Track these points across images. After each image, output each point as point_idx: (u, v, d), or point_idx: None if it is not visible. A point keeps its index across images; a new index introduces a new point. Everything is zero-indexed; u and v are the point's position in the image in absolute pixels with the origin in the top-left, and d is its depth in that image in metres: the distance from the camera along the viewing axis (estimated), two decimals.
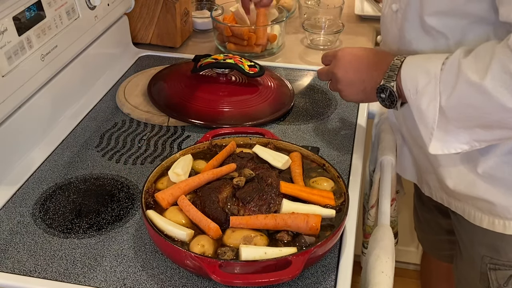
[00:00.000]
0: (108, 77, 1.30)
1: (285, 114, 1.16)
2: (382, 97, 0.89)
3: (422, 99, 0.81)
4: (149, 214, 0.80)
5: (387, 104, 0.89)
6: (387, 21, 0.98)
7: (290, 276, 0.71)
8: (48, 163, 1.02)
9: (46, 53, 1.04)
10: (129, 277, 0.79)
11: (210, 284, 0.78)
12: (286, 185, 0.84)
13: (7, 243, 0.85)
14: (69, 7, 1.11)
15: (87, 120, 1.14)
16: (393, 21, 0.95)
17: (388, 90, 0.87)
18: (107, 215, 0.90)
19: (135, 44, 1.44)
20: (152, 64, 1.37)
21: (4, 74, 0.93)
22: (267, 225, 0.79)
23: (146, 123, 1.13)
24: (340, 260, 0.82)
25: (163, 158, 1.03)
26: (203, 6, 1.64)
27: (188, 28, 1.50)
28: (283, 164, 0.90)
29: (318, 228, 0.78)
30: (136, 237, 0.86)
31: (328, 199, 0.84)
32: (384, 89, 0.87)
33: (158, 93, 1.18)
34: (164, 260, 0.81)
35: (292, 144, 0.95)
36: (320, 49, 1.48)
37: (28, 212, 0.90)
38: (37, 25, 1.01)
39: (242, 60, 1.21)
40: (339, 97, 1.22)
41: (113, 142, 1.07)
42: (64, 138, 1.09)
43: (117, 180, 0.97)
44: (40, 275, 0.79)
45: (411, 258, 1.91)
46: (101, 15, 1.23)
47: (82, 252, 0.83)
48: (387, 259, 0.86)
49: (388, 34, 0.99)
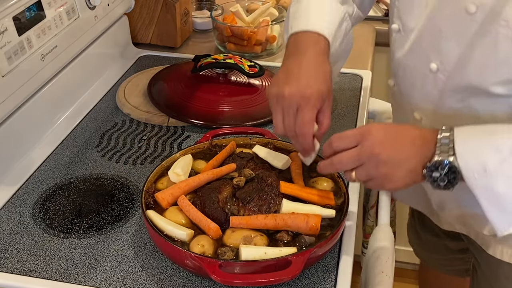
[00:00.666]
0: (108, 77, 1.29)
1: None
2: (434, 176, 0.72)
3: (497, 180, 0.69)
4: (149, 214, 0.80)
5: (441, 185, 0.72)
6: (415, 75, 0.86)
7: (290, 276, 0.71)
8: (48, 163, 1.02)
9: (46, 53, 1.04)
10: (129, 277, 0.79)
11: (210, 284, 0.78)
12: (286, 185, 0.84)
13: (7, 243, 0.85)
14: (69, 7, 1.11)
15: (87, 120, 1.14)
16: (430, 80, 0.83)
17: (447, 166, 0.71)
18: (107, 215, 0.90)
19: (135, 44, 1.44)
20: (152, 64, 1.37)
21: (4, 74, 0.93)
22: (267, 225, 0.79)
23: (146, 123, 1.13)
24: (340, 260, 0.82)
25: (163, 158, 1.03)
26: (203, 6, 1.64)
27: (188, 28, 1.50)
28: (283, 164, 0.90)
29: (318, 228, 0.78)
30: (136, 237, 0.86)
31: (328, 199, 0.84)
32: (440, 166, 0.71)
33: (158, 93, 1.18)
34: (164, 260, 0.81)
35: (292, 144, 0.95)
36: None
37: (28, 212, 0.90)
38: (37, 25, 1.01)
39: (242, 60, 1.21)
40: (339, 97, 1.23)
41: (113, 142, 1.07)
42: (64, 138, 1.09)
43: (117, 180, 0.97)
44: (40, 275, 0.79)
45: (411, 258, 1.91)
46: (101, 15, 1.23)
47: (82, 252, 0.83)
48: (387, 259, 0.86)
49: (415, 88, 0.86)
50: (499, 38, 0.72)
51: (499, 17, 0.71)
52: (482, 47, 0.75)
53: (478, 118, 0.80)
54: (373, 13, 1.62)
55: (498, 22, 0.71)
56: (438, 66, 0.81)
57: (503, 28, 0.71)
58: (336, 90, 1.26)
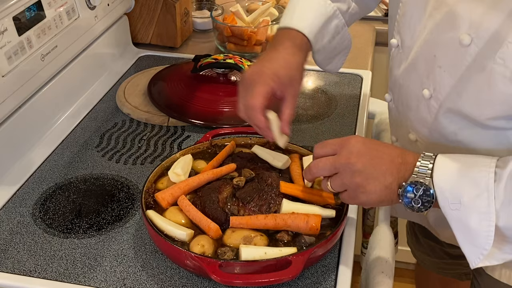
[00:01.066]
0: (108, 77, 1.30)
1: None
2: (409, 196, 0.70)
3: (470, 215, 0.67)
4: (149, 214, 0.80)
5: (414, 207, 0.70)
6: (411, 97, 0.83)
7: (290, 276, 0.71)
8: (48, 163, 1.02)
9: (46, 53, 1.04)
10: (129, 277, 0.79)
11: (210, 284, 0.78)
12: (286, 185, 0.84)
13: (7, 243, 0.85)
14: (69, 7, 1.11)
15: (87, 120, 1.14)
16: (424, 105, 0.80)
17: (422, 188, 0.69)
18: (107, 215, 0.90)
19: (135, 44, 1.44)
20: (152, 64, 1.37)
21: (4, 74, 0.93)
22: (267, 225, 0.79)
23: (146, 123, 1.13)
24: (340, 260, 0.82)
25: (163, 158, 1.03)
26: (203, 6, 1.64)
27: (188, 28, 1.50)
28: (283, 164, 0.90)
29: (318, 228, 0.78)
30: (136, 237, 0.86)
31: (328, 199, 0.84)
32: (416, 187, 0.69)
33: (158, 93, 1.18)
34: (164, 260, 0.81)
35: (292, 144, 0.95)
36: None
37: (28, 212, 0.90)
38: (37, 25, 1.01)
39: (242, 60, 1.21)
40: (339, 97, 1.23)
41: (113, 142, 1.07)
42: (64, 138, 1.09)
43: (117, 180, 0.97)
44: (40, 275, 0.79)
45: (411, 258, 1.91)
46: (101, 15, 1.23)
47: (82, 252, 0.83)
48: (387, 259, 0.86)
49: (410, 110, 0.84)
50: (494, 76, 0.68)
51: (495, 54, 0.67)
52: (476, 82, 0.71)
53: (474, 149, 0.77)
54: (373, 13, 1.62)
55: (493, 59, 0.67)
56: (431, 93, 0.78)
57: (499, 66, 0.67)
58: (336, 90, 1.26)
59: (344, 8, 0.95)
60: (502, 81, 0.68)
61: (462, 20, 0.70)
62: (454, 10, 0.71)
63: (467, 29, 0.69)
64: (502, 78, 0.67)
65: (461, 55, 0.71)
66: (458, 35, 0.70)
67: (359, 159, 0.72)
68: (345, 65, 1.36)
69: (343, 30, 0.96)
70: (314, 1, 0.92)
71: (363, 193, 0.73)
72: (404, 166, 0.71)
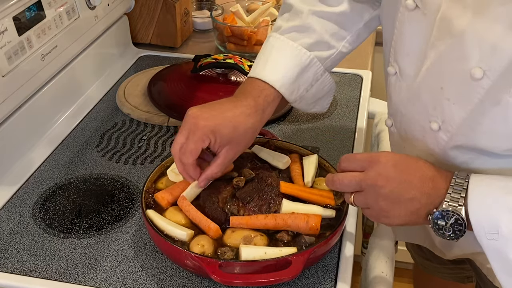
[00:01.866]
0: (108, 77, 1.30)
1: (285, 114, 1.16)
2: (439, 224, 0.67)
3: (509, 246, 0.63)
4: (149, 214, 0.80)
5: (445, 234, 0.67)
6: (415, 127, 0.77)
7: (290, 276, 0.71)
8: (48, 163, 1.02)
9: (46, 53, 1.04)
10: (129, 277, 0.79)
11: (210, 284, 0.78)
12: (286, 185, 0.84)
13: (7, 243, 0.85)
14: (69, 7, 1.11)
15: (87, 120, 1.14)
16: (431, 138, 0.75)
17: (454, 217, 0.66)
18: (107, 215, 0.90)
19: (135, 44, 1.44)
20: (152, 64, 1.37)
21: (4, 74, 0.93)
22: (267, 225, 0.79)
23: (146, 123, 1.13)
24: (340, 260, 0.82)
25: (163, 158, 1.03)
26: (203, 6, 1.64)
27: (188, 28, 1.50)
28: (283, 164, 0.90)
29: (318, 228, 0.78)
30: (136, 237, 0.86)
31: (328, 199, 0.84)
32: (447, 215, 0.66)
33: (158, 93, 1.18)
34: (164, 260, 0.81)
35: (292, 144, 0.95)
36: None
37: (28, 212, 0.90)
38: (37, 25, 1.01)
39: (242, 60, 1.21)
40: (339, 97, 1.23)
41: (113, 142, 1.07)
42: (64, 138, 1.09)
43: (117, 180, 0.97)
44: (40, 275, 0.79)
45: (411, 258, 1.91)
46: (101, 15, 1.23)
47: (82, 252, 0.83)
48: (387, 259, 0.86)
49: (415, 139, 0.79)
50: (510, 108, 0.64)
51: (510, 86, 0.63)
52: (490, 115, 0.66)
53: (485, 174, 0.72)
54: None
55: (509, 92, 0.63)
56: (440, 125, 0.72)
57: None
58: (336, 90, 1.25)
59: (326, 55, 0.88)
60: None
61: (472, 52, 0.64)
62: (461, 41, 0.65)
63: (478, 61, 0.64)
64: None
65: (473, 88, 0.66)
66: (469, 69, 0.65)
67: (387, 183, 0.69)
68: (345, 65, 1.37)
69: (322, 77, 0.89)
70: (287, 51, 0.86)
71: (386, 217, 0.71)
72: (435, 191, 0.68)
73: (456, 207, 0.66)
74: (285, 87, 0.84)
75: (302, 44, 0.86)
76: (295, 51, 0.85)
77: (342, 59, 0.93)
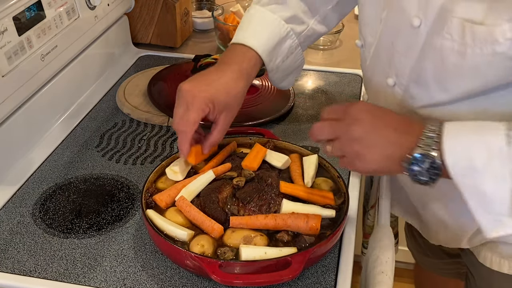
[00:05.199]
0: (108, 77, 1.30)
1: (285, 114, 1.16)
2: (415, 170, 0.69)
3: (484, 180, 0.65)
4: (149, 214, 0.80)
5: (421, 179, 0.69)
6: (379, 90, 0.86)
7: (290, 276, 0.71)
8: (48, 163, 1.02)
9: (46, 53, 1.04)
10: (129, 277, 0.79)
11: (210, 284, 0.78)
12: (286, 185, 0.84)
13: (7, 243, 0.85)
14: (69, 7, 1.11)
15: (87, 120, 1.14)
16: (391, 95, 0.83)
17: (428, 161, 0.67)
18: (107, 215, 0.90)
19: (135, 44, 1.45)
20: (152, 64, 1.37)
21: (4, 74, 0.93)
22: (267, 225, 0.79)
23: (146, 123, 1.13)
24: (340, 260, 0.82)
25: (163, 158, 1.03)
26: (203, 6, 1.64)
27: (188, 28, 1.50)
28: (283, 164, 0.90)
29: (318, 228, 0.78)
30: (136, 237, 0.86)
31: (328, 199, 0.84)
32: (421, 160, 0.68)
33: (158, 93, 1.18)
34: (164, 260, 0.81)
35: (292, 144, 0.95)
36: (320, 49, 1.48)
37: (28, 212, 0.90)
38: (37, 25, 1.01)
39: None
40: (339, 97, 1.23)
41: (113, 142, 1.07)
42: (64, 138, 1.09)
43: (117, 180, 0.97)
44: (40, 275, 0.79)
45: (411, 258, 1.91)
46: (101, 15, 1.23)
47: (82, 252, 0.83)
48: (387, 259, 0.86)
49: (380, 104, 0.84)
50: (445, 51, 0.71)
51: (443, 30, 0.70)
52: (431, 59, 0.74)
53: None
54: None
55: (442, 35, 0.70)
56: (395, 81, 0.81)
57: (448, 41, 0.70)
58: (336, 90, 1.26)
59: (299, 30, 0.97)
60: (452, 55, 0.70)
61: (411, 4, 0.73)
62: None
63: (416, 11, 0.73)
64: (452, 51, 0.70)
65: (414, 36, 0.74)
66: (409, 19, 0.74)
67: (360, 126, 0.72)
68: (345, 65, 1.37)
69: (296, 51, 0.98)
70: (268, 21, 0.94)
71: (361, 161, 0.72)
72: (409, 136, 0.70)
73: (429, 151, 0.67)
74: (266, 53, 0.92)
75: (281, 17, 0.94)
76: (275, 22, 0.94)
77: (316, 38, 1.03)
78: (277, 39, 0.93)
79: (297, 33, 0.96)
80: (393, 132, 0.71)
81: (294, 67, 1.01)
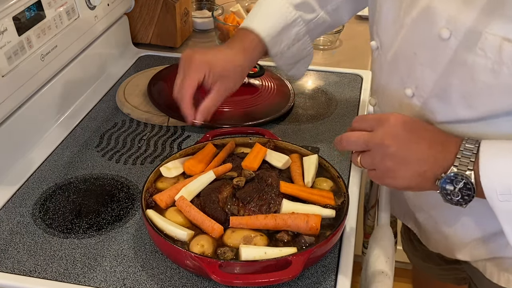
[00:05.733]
0: (108, 77, 1.30)
1: (285, 114, 1.16)
2: (447, 189, 0.66)
3: None
4: (149, 214, 0.80)
5: (453, 199, 0.67)
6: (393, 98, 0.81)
7: (290, 276, 0.71)
8: (48, 163, 1.02)
9: (46, 53, 1.04)
10: (129, 277, 0.79)
11: (210, 284, 0.78)
12: (286, 185, 0.84)
13: (7, 243, 0.84)
14: (69, 7, 1.11)
15: (87, 120, 1.14)
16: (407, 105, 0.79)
17: (463, 181, 0.65)
18: (107, 215, 0.90)
19: (135, 44, 1.44)
20: (152, 64, 1.37)
21: (4, 74, 0.93)
22: (267, 225, 0.79)
23: (146, 123, 1.13)
24: (340, 260, 0.82)
25: (163, 158, 1.03)
26: (203, 6, 1.64)
27: (188, 28, 1.50)
28: (283, 164, 0.90)
29: (318, 228, 0.78)
30: (136, 237, 0.86)
31: (328, 199, 0.84)
32: (456, 180, 0.65)
33: (158, 93, 1.18)
34: (164, 260, 0.81)
35: (292, 144, 0.95)
36: (320, 49, 1.48)
37: (28, 212, 0.90)
38: (37, 25, 1.01)
39: None
40: (339, 97, 1.23)
41: (113, 142, 1.07)
42: (64, 138, 1.09)
43: (117, 180, 0.97)
44: (40, 275, 0.79)
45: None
46: (101, 15, 1.23)
47: (82, 252, 0.83)
48: (387, 259, 0.86)
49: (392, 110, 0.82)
50: (476, 68, 0.67)
51: (476, 46, 0.66)
52: (459, 76, 0.70)
53: None
54: None
55: (474, 51, 0.66)
56: (414, 92, 0.76)
57: (480, 58, 0.66)
58: (336, 90, 1.26)
59: (309, 18, 0.97)
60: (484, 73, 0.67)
61: (439, 15, 0.69)
62: (430, 5, 0.70)
63: (445, 23, 0.68)
64: (484, 70, 0.66)
65: (442, 49, 0.70)
66: (437, 30, 0.69)
67: (394, 142, 0.69)
68: (345, 65, 1.37)
69: (303, 38, 0.98)
70: (276, 7, 0.95)
71: (392, 178, 0.70)
72: (444, 155, 0.67)
73: (465, 171, 0.65)
74: (269, 38, 0.94)
75: (290, 3, 0.95)
76: (282, 8, 0.95)
77: (325, 30, 1.03)
78: (283, 24, 0.94)
79: (307, 21, 0.96)
80: (427, 149, 0.68)
81: (302, 56, 1.01)
